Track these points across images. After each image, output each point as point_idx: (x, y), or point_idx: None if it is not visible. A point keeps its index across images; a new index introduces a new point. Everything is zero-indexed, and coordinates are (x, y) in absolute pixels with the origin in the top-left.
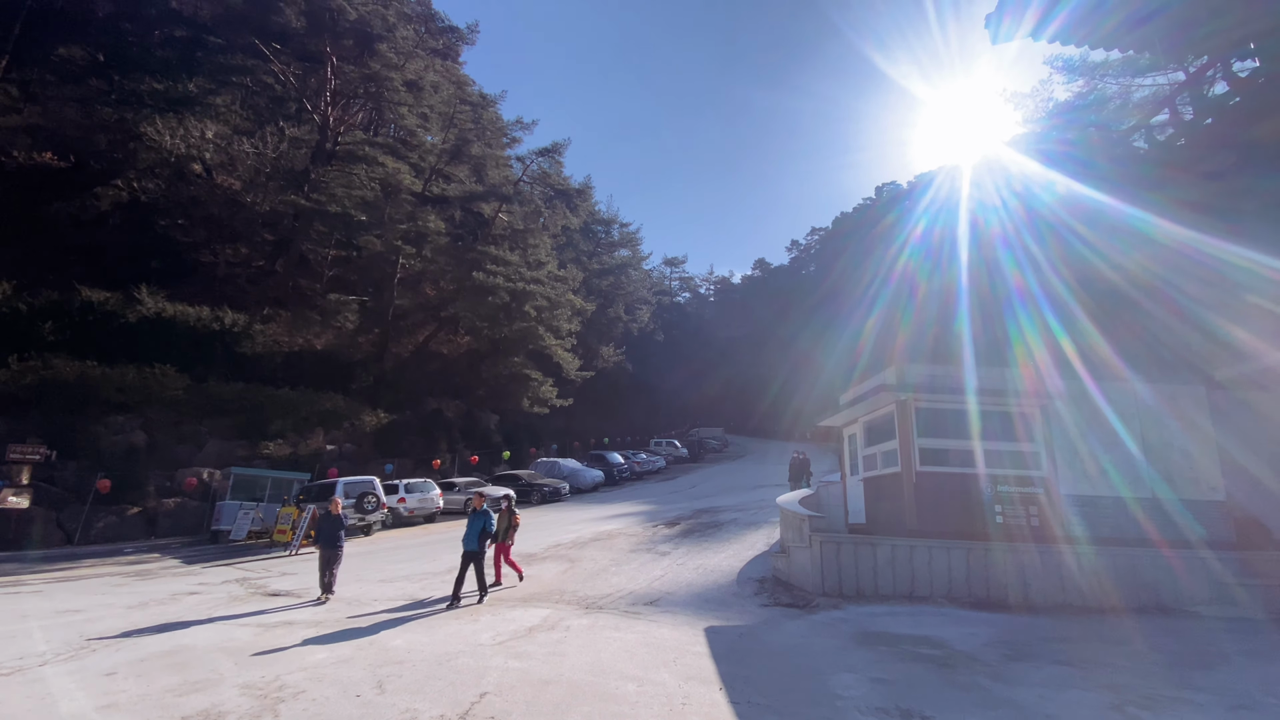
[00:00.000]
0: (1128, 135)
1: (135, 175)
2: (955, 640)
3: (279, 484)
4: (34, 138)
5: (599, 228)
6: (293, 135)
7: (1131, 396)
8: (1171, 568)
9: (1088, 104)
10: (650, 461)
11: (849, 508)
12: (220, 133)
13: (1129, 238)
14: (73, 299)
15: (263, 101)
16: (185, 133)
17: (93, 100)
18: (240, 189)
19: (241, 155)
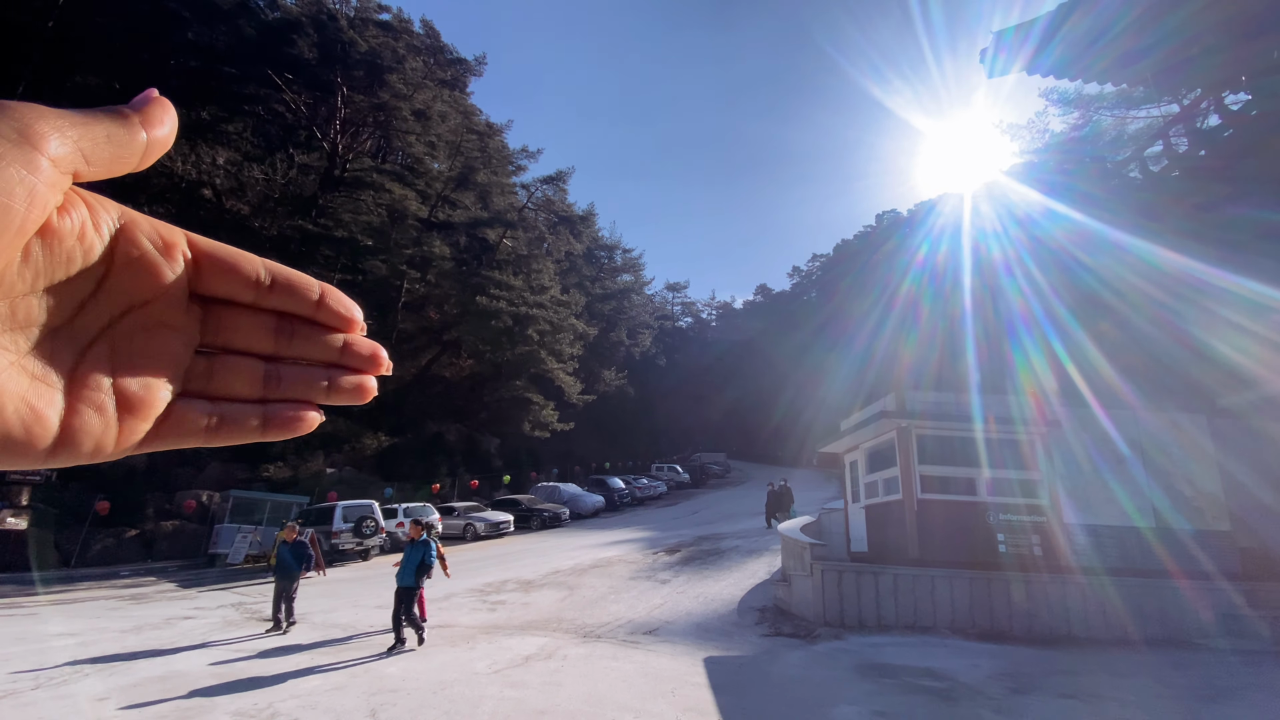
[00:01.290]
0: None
1: (146, 200)
2: (958, 672)
3: (278, 507)
4: None
5: (602, 253)
6: (302, 162)
7: (1135, 424)
8: (1178, 598)
9: (1084, 135)
10: (651, 487)
11: (851, 535)
12: (231, 159)
13: (1131, 266)
14: None
15: (274, 129)
16: (197, 159)
17: None
18: (249, 214)
19: (251, 181)
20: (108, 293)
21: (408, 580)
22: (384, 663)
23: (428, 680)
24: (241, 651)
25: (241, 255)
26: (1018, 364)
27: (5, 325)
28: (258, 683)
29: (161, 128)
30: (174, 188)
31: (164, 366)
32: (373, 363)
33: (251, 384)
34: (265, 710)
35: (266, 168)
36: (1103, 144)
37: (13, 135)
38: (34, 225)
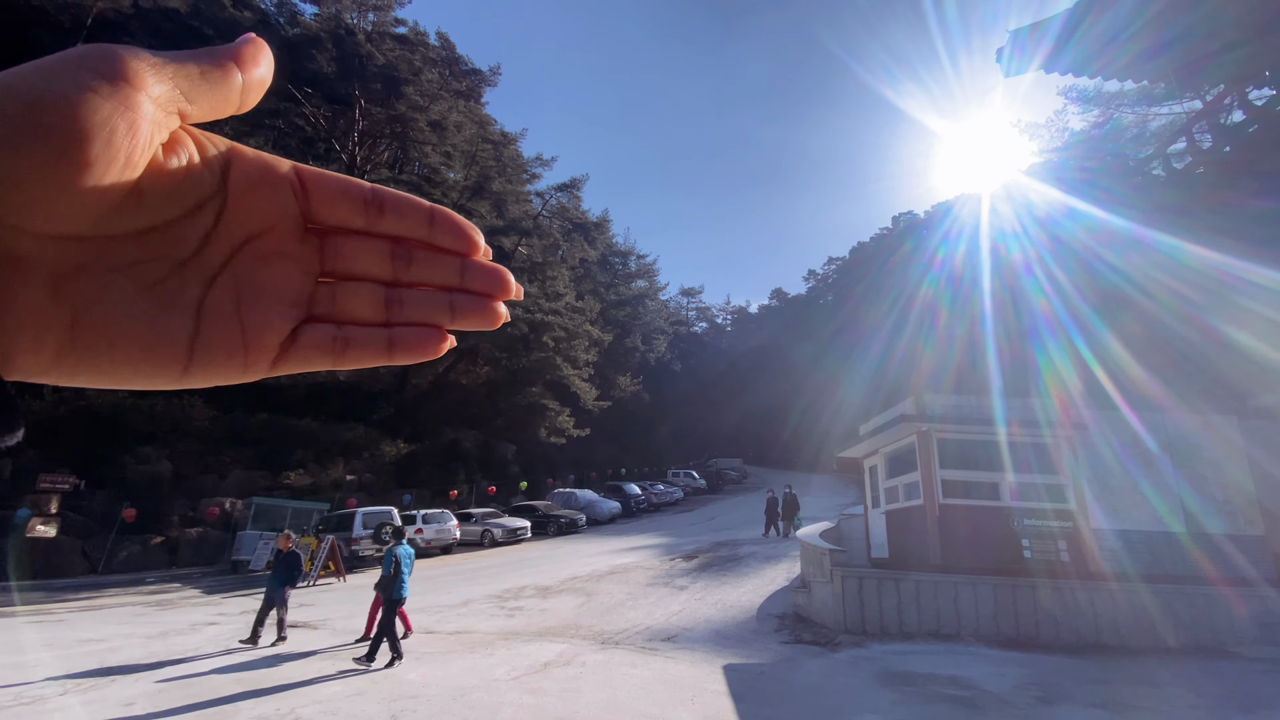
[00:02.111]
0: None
1: None
2: (984, 680)
3: (299, 514)
4: None
5: (616, 259)
6: None
7: (1164, 425)
8: (1212, 604)
9: (1104, 133)
10: (668, 493)
11: (871, 541)
12: None
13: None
14: None
15: (293, 142)
16: None
17: None
18: None
19: None
20: (227, 225)
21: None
22: (403, 669)
23: (447, 686)
24: (263, 657)
25: (349, 180)
26: (1041, 365)
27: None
28: (280, 688)
29: (257, 68)
30: None
31: (286, 293)
32: (499, 285)
33: (374, 308)
34: (288, 715)
35: None
36: (1124, 141)
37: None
38: (139, 161)
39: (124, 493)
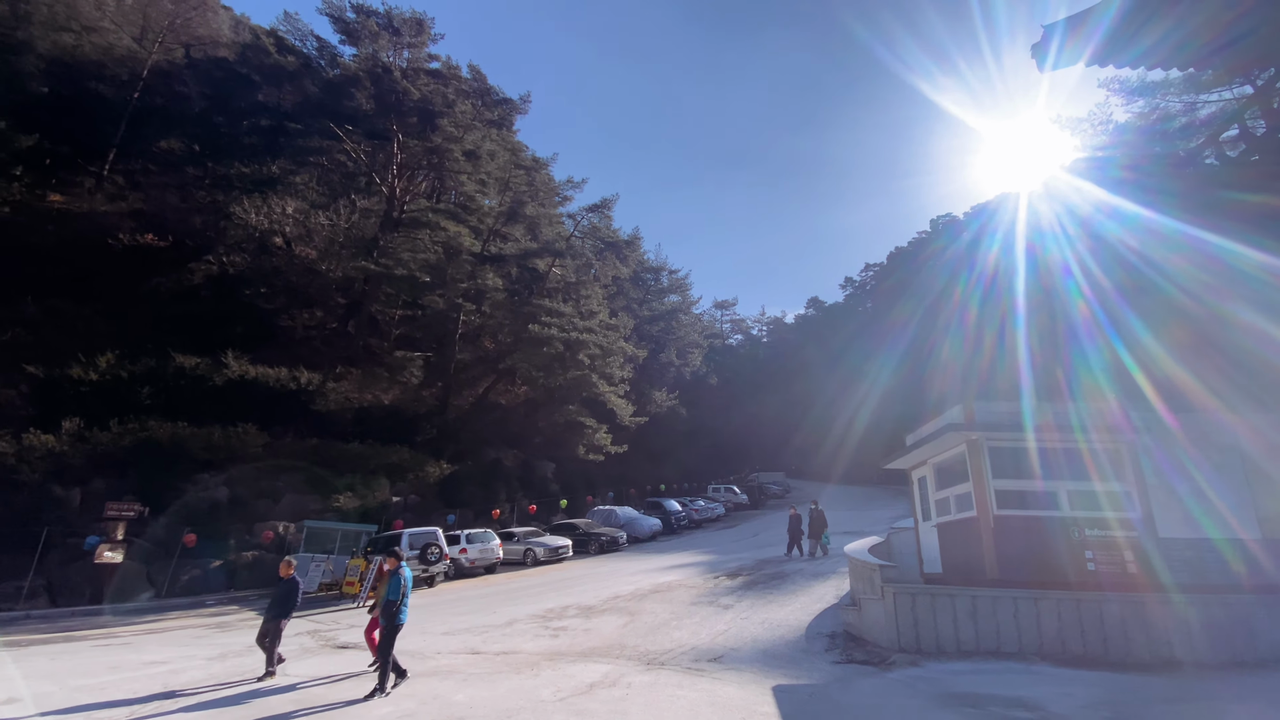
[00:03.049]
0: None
1: (225, 250)
2: (1049, 701)
3: (348, 536)
4: (137, 221)
5: (648, 275)
6: (363, 206)
7: (1228, 430)
8: None
9: (1150, 124)
10: (709, 508)
11: (923, 555)
12: (299, 208)
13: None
14: (167, 365)
15: (336, 177)
16: (269, 210)
17: (189, 185)
18: (316, 258)
19: (318, 227)
20: None
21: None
22: (452, 689)
23: (495, 708)
24: (317, 678)
25: None
26: (1097, 369)
27: None
28: (332, 709)
29: None
30: (249, 238)
31: None
32: None
33: None
34: None
35: (331, 214)
36: (1172, 132)
37: None
38: None
39: (184, 518)
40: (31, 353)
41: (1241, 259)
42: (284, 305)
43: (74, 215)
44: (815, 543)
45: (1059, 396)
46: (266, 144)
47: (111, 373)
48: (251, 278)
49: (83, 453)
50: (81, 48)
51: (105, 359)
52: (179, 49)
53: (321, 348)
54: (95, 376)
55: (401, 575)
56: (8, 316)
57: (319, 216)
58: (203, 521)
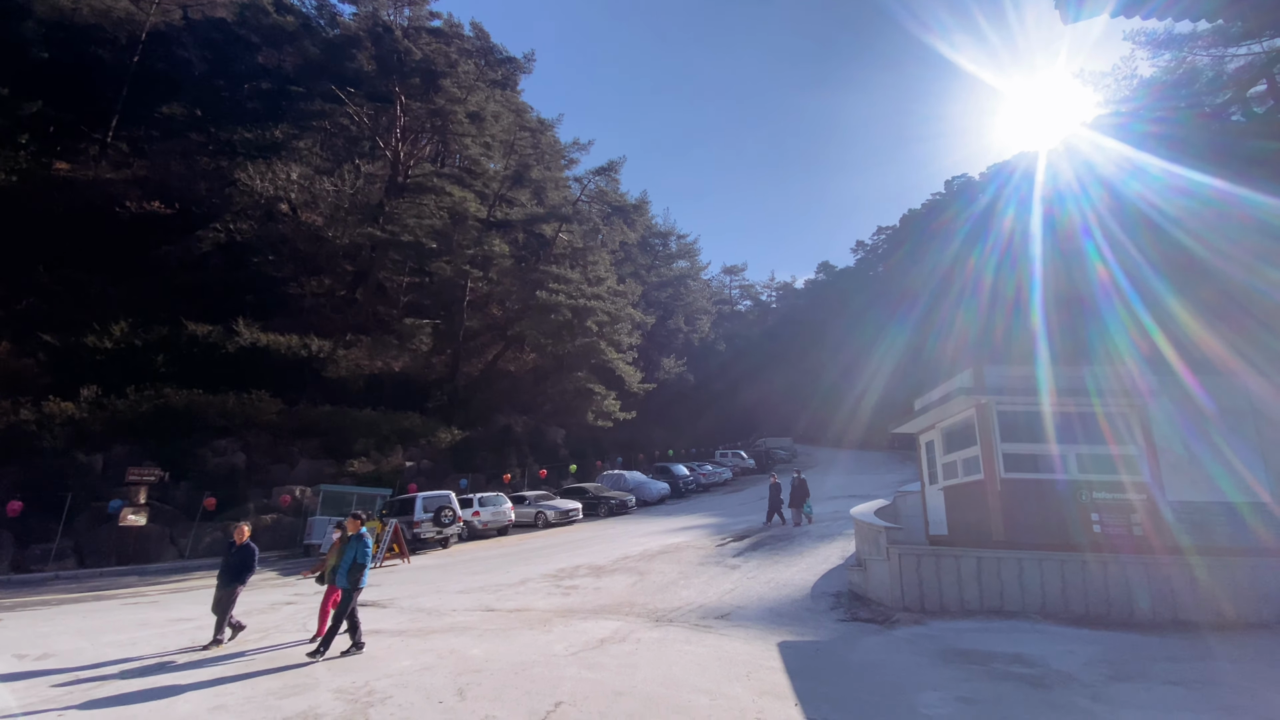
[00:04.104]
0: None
1: (231, 218)
2: (1051, 658)
3: (364, 499)
4: (143, 189)
5: (656, 241)
6: (367, 171)
7: (1243, 393)
8: None
9: (1176, 79)
10: (716, 473)
11: (929, 518)
12: (303, 173)
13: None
14: (180, 333)
15: (340, 142)
16: (274, 176)
17: (193, 152)
18: (322, 224)
19: (323, 193)
20: None
21: (341, 581)
22: (468, 644)
23: (509, 661)
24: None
25: None
26: (1110, 332)
27: None
28: (354, 663)
29: None
30: (255, 205)
31: None
32: None
33: None
34: (363, 688)
35: (335, 179)
36: (1199, 87)
37: None
38: None
39: (204, 483)
40: (46, 321)
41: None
42: (292, 273)
43: (80, 183)
44: (797, 511)
45: (1072, 360)
46: (268, 108)
47: (125, 341)
48: (259, 245)
49: (102, 420)
50: (79, 10)
51: (119, 327)
52: (176, 10)
53: (331, 315)
54: (110, 345)
55: (366, 539)
56: (22, 285)
57: (324, 182)
58: (222, 486)
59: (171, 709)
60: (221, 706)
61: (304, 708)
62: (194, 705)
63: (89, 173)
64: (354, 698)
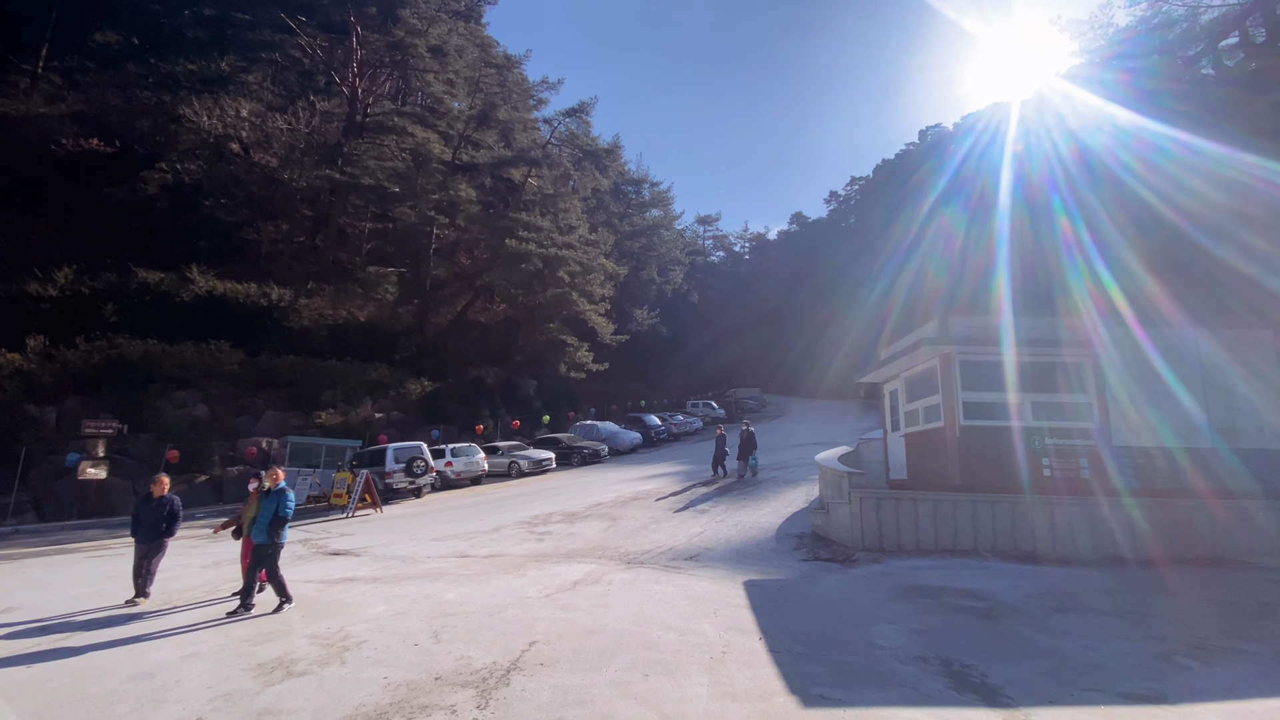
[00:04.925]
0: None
1: (178, 157)
2: (998, 592)
3: (333, 451)
4: (80, 125)
5: (629, 188)
6: (323, 109)
7: (1191, 344)
8: (1229, 519)
9: (1152, 28)
10: (687, 423)
11: (890, 463)
12: (254, 110)
13: (1194, 173)
14: (130, 281)
15: (292, 76)
16: (221, 112)
17: (131, 85)
18: (277, 166)
19: (276, 132)
20: None
21: (260, 536)
22: (442, 590)
23: (484, 605)
24: (311, 582)
25: None
26: (1070, 284)
27: None
28: (329, 609)
29: None
30: (203, 143)
31: None
32: None
33: None
34: (338, 633)
35: (289, 117)
36: (1173, 37)
37: None
38: None
39: (166, 435)
40: None
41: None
42: (247, 218)
43: (11, 119)
44: (743, 464)
45: (1034, 311)
46: (212, 38)
47: (72, 289)
48: (209, 187)
49: (52, 371)
50: None
51: (63, 274)
52: None
53: (291, 262)
54: (55, 293)
55: (288, 493)
56: None
57: (276, 120)
58: (184, 438)
59: (143, 657)
60: (195, 655)
61: (279, 653)
62: (166, 654)
63: (20, 107)
64: (329, 642)
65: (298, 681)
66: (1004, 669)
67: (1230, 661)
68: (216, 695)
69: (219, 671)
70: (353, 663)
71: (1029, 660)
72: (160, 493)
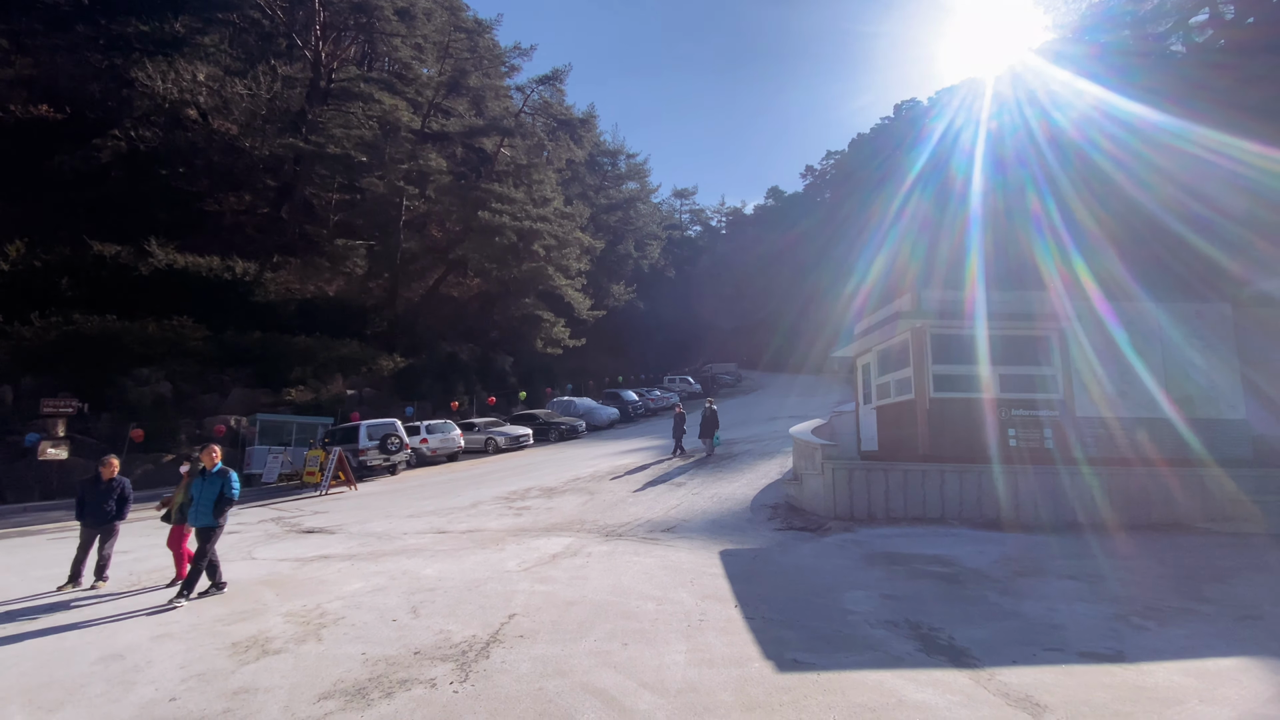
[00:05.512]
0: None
1: (132, 124)
2: (964, 558)
3: (304, 428)
4: (29, 90)
5: (605, 160)
6: (285, 74)
7: (1152, 317)
8: (1186, 486)
9: (1122, 4)
10: (664, 398)
11: (862, 435)
12: (212, 74)
13: (1159, 149)
14: (85, 254)
15: (251, 39)
16: (176, 76)
17: (82, 47)
18: (238, 133)
19: (235, 97)
20: None
21: (205, 519)
22: (420, 565)
23: (462, 579)
24: (285, 560)
25: None
26: (1037, 259)
27: None
28: (305, 587)
29: None
30: (158, 109)
31: None
32: None
33: None
34: (314, 610)
35: (249, 82)
36: (1144, 12)
37: None
38: None
39: (128, 414)
40: None
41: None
42: (207, 188)
43: None
44: (708, 442)
45: (1004, 286)
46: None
47: (24, 263)
48: (166, 156)
49: (6, 349)
50: None
51: (14, 247)
52: None
53: (255, 235)
54: (6, 267)
55: (231, 474)
56: None
57: (236, 85)
58: (148, 417)
59: (113, 639)
60: (167, 635)
61: (254, 632)
62: (136, 635)
63: None
64: (306, 620)
65: (274, 659)
66: (970, 631)
67: (1185, 622)
68: (190, 675)
69: (192, 651)
70: (330, 640)
71: (994, 623)
72: (110, 475)
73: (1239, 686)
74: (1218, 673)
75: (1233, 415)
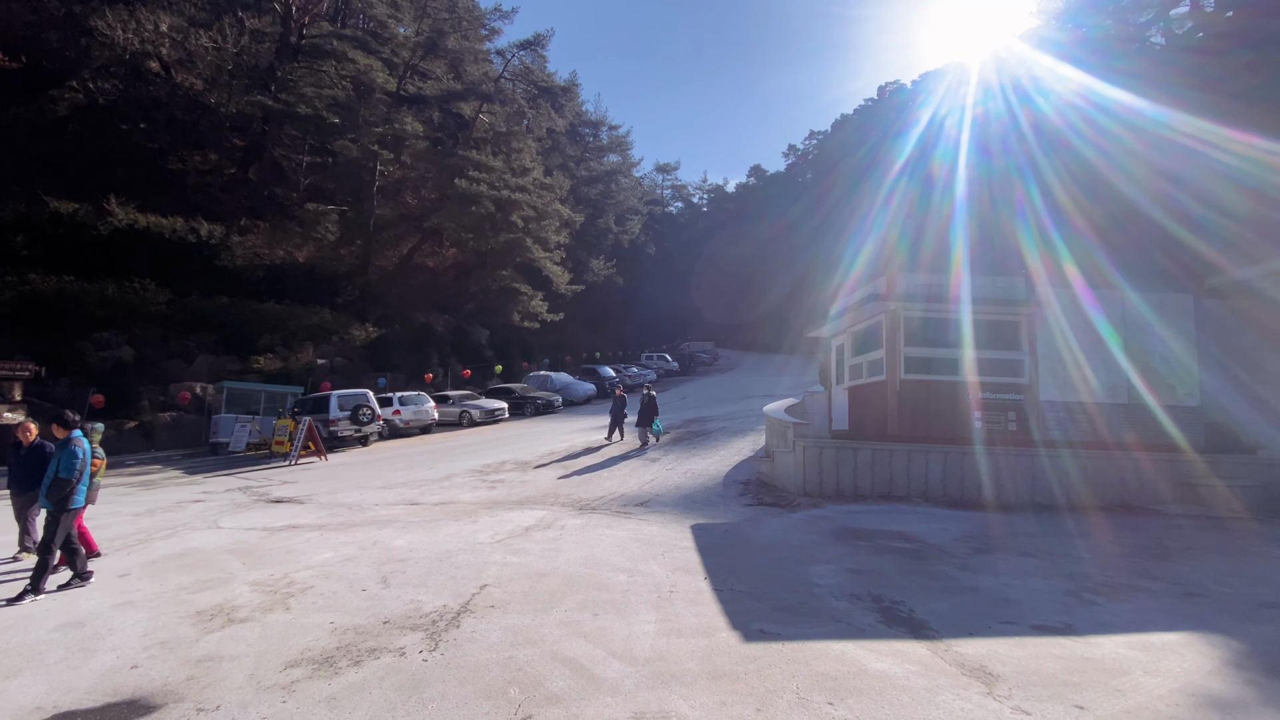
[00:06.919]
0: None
1: (90, 75)
2: (927, 535)
3: (273, 397)
4: None
5: (586, 130)
6: (253, 27)
7: (1119, 305)
8: (1141, 469)
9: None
10: (641, 375)
11: (833, 415)
12: (175, 25)
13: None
14: (40, 210)
15: None
16: (138, 25)
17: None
18: (202, 89)
19: (200, 51)
20: None
21: (42, 503)
22: (391, 536)
23: (433, 550)
24: (253, 530)
25: None
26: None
27: None
28: (272, 556)
29: None
30: (118, 60)
31: None
32: None
33: None
34: (282, 580)
35: (215, 34)
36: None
37: None
38: None
39: (88, 379)
40: None
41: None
42: (170, 145)
43: None
44: (645, 429)
45: (977, 270)
46: None
47: None
48: (127, 110)
49: None
50: None
51: None
52: None
53: (220, 196)
54: None
55: (79, 447)
56: None
57: (200, 37)
58: (109, 382)
59: (72, 606)
60: (128, 603)
61: (219, 600)
62: (96, 603)
63: None
64: (273, 589)
65: (239, 628)
66: (930, 604)
67: (1133, 598)
68: (153, 643)
69: (155, 620)
70: (298, 609)
71: (952, 597)
72: (27, 440)
73: (1181, 659)
74: (1162, 646)
75: (1189, 402)
